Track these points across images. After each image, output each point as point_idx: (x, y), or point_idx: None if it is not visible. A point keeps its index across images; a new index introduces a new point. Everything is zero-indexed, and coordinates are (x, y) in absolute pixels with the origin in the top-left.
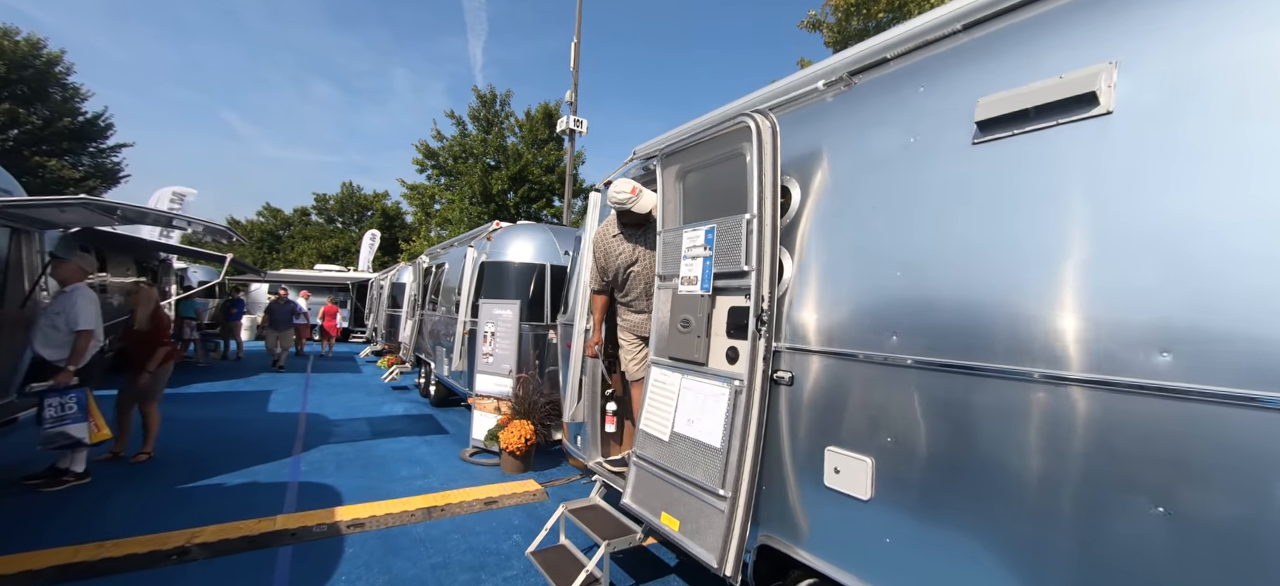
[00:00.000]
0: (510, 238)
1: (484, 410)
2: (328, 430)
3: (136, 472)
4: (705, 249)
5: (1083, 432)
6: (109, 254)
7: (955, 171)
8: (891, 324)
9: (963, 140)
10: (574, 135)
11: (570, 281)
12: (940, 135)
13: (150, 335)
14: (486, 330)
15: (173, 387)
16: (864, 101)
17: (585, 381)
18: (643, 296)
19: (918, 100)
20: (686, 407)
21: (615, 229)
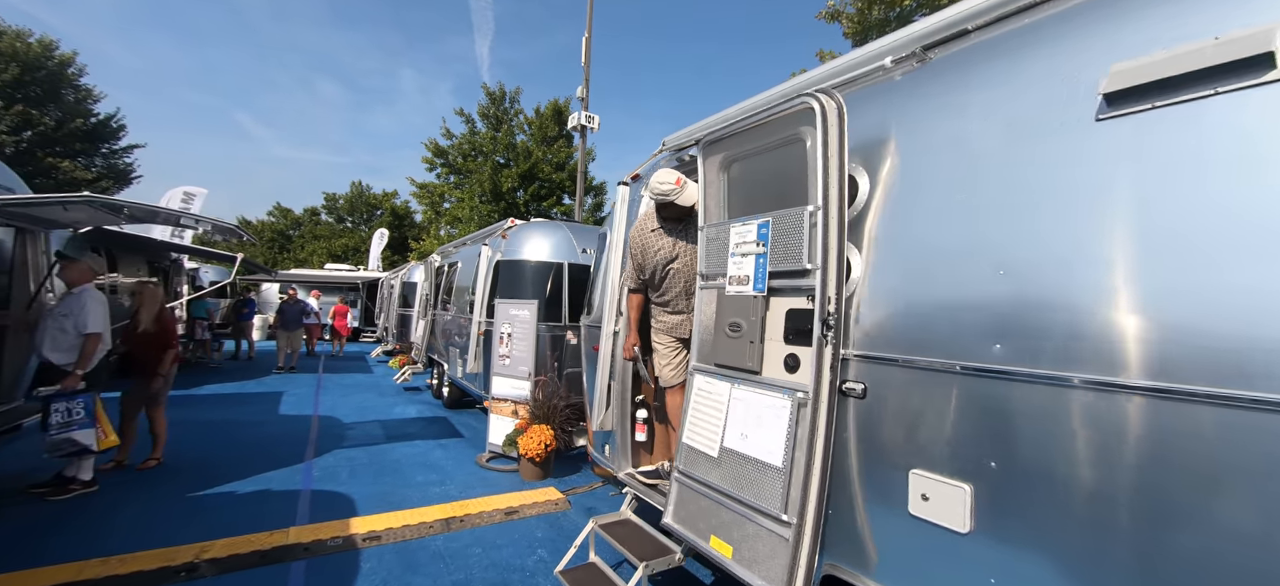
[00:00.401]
0: (526, 235)
1: (501, 414)
2: (340, 433)
3: (145, 480)
4: (758, 245)
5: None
6: (120, 254)
7: (1072, 152)
8: (994, 331)
9: (1081, 116)
10: (586, 131)
11: (596, 280)
12: (1052, 111)
13: (156, 337)
14: (503, 331)
15: (183, 389)
16: (944, 78)
17: (615, 387)
18: (682, 296)
19: (1018, 73)
20: (738, 420)
21: (654, 223)
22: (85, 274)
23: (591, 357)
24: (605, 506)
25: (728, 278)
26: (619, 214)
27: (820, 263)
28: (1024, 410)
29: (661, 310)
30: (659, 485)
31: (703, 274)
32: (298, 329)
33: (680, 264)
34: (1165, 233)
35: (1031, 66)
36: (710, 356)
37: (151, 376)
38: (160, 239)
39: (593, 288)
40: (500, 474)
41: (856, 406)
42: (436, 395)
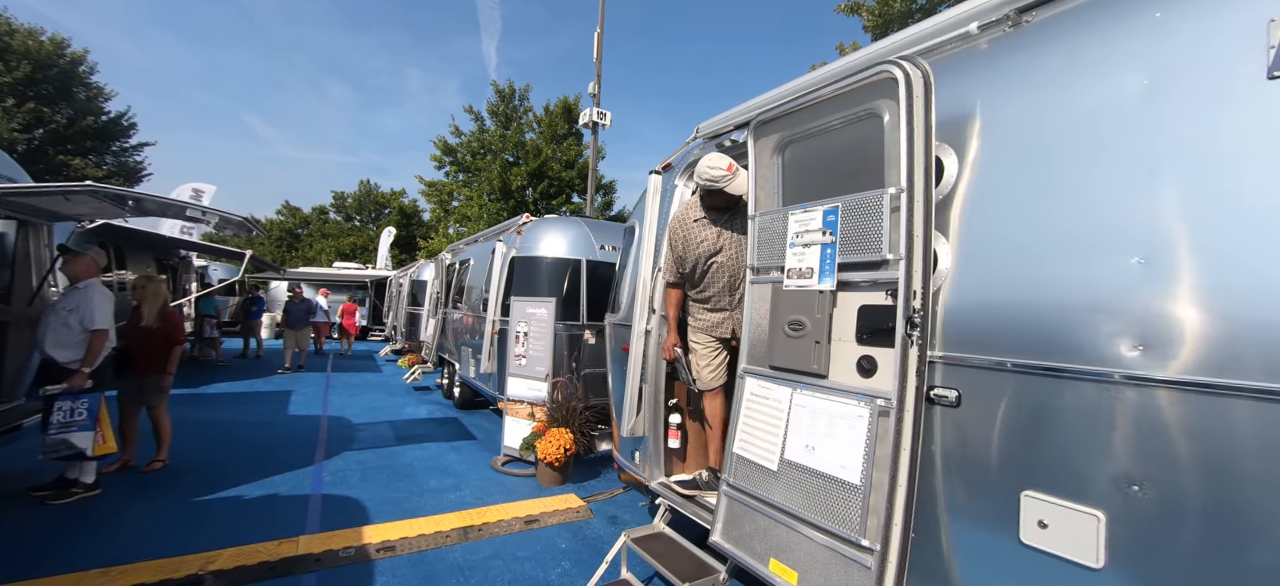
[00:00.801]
0: (542, 231)
1: (516, 416)
2: (350, 435)
3: (150, 483)
4: (824, 234)
5: None
6: (128, 251)
7: (1236, 119)
8: (1131, 330)
9: (1250, 74)
10: (598, 127)
11: (623, 275)
12: (1206, 71)
13: (160, 333)
14: (519, 330)
15: (191, 388)
16: (1048, 42)
17: (646, 390)
18: (724, 292)
19: (1150, 29)
20: (803, 430)
21: (698, 212)
22: (90, 268)
23: (619, 358)
24: (629, 514)
25: (785, 271)
26: (650, 205)
27: (904, 252)
28: (1180, 425)
29: (700, 307)
30: (696, 496)
31: (754, 267)
32: (304, 327)
33: (724, 257)
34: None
35: (1174, 20)
36: (765, 358)
37: (159, 374)
38: (169, 235)
39: (619, 283)
40: (517, 479)
41: (948, 417)
42: (447, 395)
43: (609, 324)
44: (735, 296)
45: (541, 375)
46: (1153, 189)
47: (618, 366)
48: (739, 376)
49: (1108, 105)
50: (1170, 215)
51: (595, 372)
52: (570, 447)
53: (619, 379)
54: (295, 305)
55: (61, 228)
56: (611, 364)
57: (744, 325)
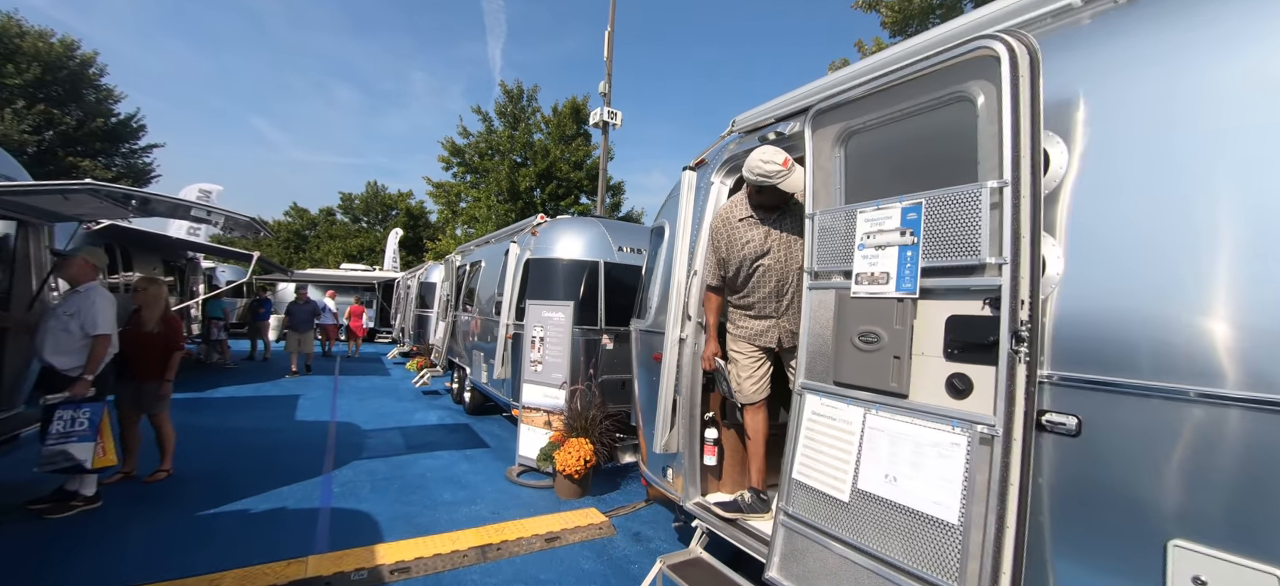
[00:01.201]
0: (558, 232)
1: (532, 424)
2: (359, 442)
3: (152, 495)
4: (903, 234)
5: None
6: (135, 253)
7: None
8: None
9: None
10: (608, 127)
11: (652, 278)
12: None
13: (162, 338)
14: (534, 335)
15: (197, 392)
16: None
17: (681, 402)
18: (771, 298)
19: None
20: (880, 457)
21: (743, 210)
22: (87, 270)
23: (647, 366)
24: (654, 531)
25: (854, 276)
26: (684, 203)
27: (1009, 255)
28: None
29: (743, 314)
30: (738, 520)
31: (813, 271)
32: (308, 331)
33: (772, 260)
34: None
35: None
36: (829, 373)
37: (159, 381)
38: (176, 237)
39: (647, 287)
40: (533, 491)
41: (1066, 447)
42: (457, 400)
43: (635, 330)
44: (783, 302)
45: (559, 382)
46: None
47: (645, 375)
48: (796, 392)
49: (1257, 80)
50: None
51: (613, 379)
52: (590, 459)
53: (647, 388)
54: (299, 307)
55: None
56: (638, 372)
57: (801, 335)
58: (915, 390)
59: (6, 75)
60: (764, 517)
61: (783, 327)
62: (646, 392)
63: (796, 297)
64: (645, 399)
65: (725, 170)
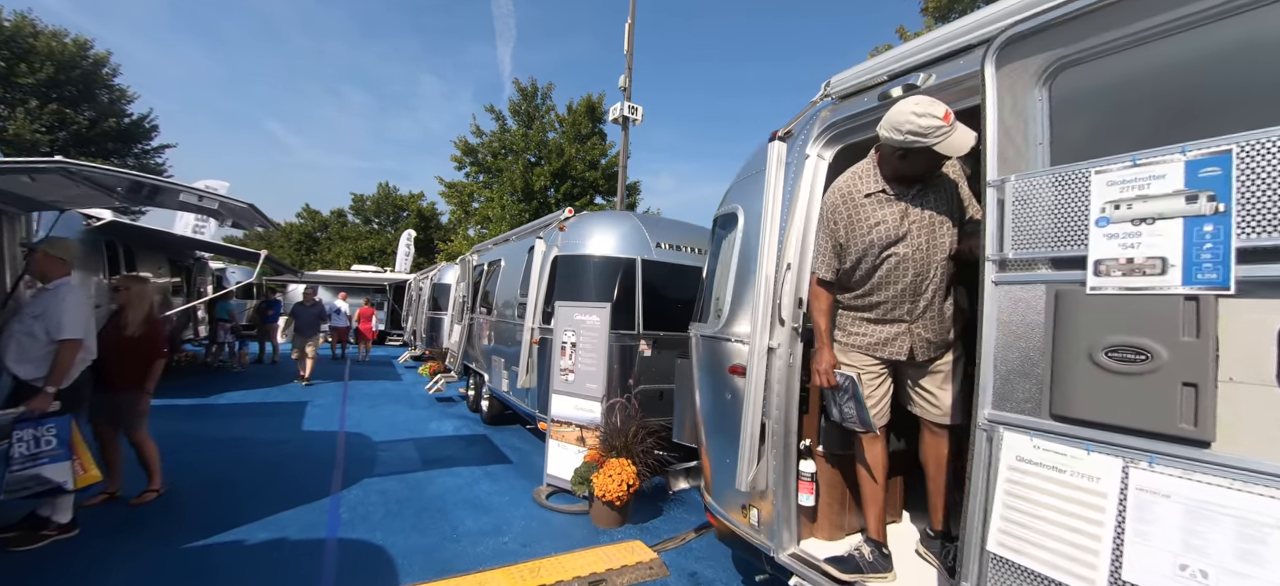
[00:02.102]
0: (590, 226)
1: (563, 440)
2: (371, 456)
3: (138, 520)
4: (1197, 201)
5: None
6: (140, 252)
7: None
8: None
9: None
10: (628, 123)
11: (723, 273)
12: None
13: (144, 343)
14: (565, 340)
15: (200, 398)
16: None
17: (770, 427)
18: (904, 296)
19: None
20: (1169, 537)
21: (873, 183)
22: (53, 265)
23: (717, 379)
24: (712, 571)
25: (1093, 264)
26: (772, 181)
27: None
28: None
29: (858, 317)
30: (858, 583)
31: (1001, 259)
32: (315, 334)
33: (909, 247)
34: None
35: None
36: (1042, 402)
37: (136, 392)
38: (183, 235)
39: (712, 285)
40: (566, 517)
41: None
42: (473, 408)
43: (696, 336)
44: (919, 302)
45: (594, 394)
46: None
47: (713, 390)
48: (980, 427)
49: None
50: None
51: (650, 390)
52: (633, 484)
53: (717, 406)
54: (305, 309)
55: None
56: (701, 385)
57: (984, 347)
58: (1229, 435)
59: (19, 75)
60: (887, 579)
61: (917, 336)
62: (716, 411)
63: (938, 296)
64: (713, 418)
65: (824, 140)
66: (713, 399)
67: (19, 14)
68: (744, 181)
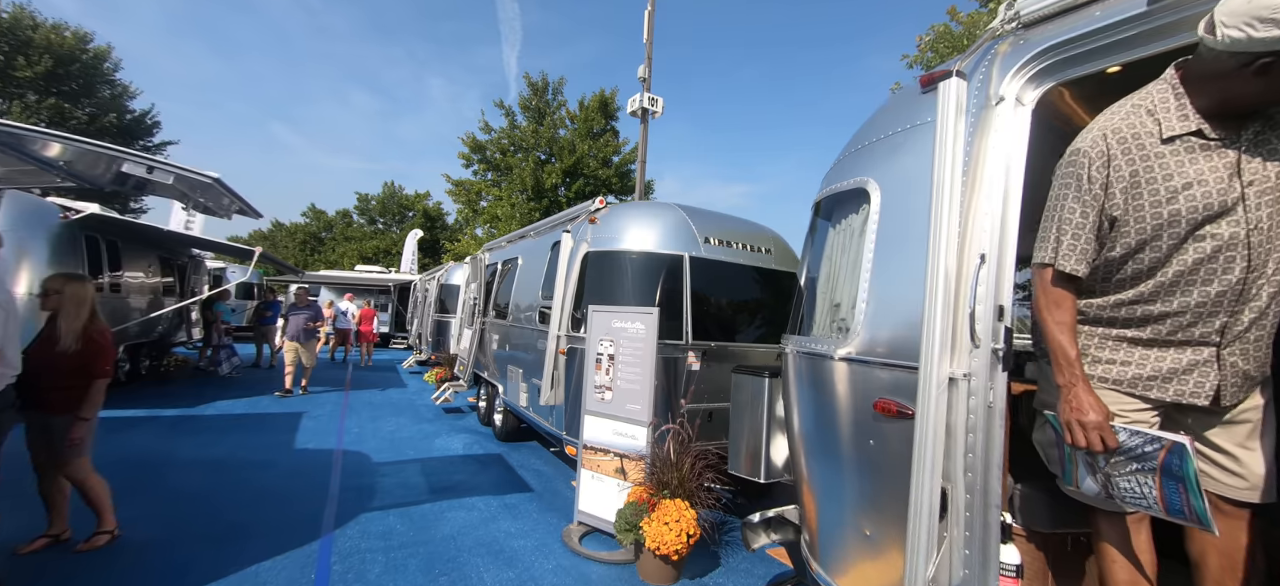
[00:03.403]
0: (627, 218)
1: (598, 471)
2: (370, 484)
3: (84, 572)
4: None
5: None
6: (126, 248)
7: None
8: None
9: None
10: (648, 114)
11: (854, 266)
12: None
13: (80, 360)
14: (601, 351)
15: (186, 408)
16: None
17: (956, 495)
18: (1222, 305)
19: None
20: None
21: (1179, 120)
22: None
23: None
24: None
25: None
26: (949, 135)
27: None
28: None
29: (1121, 336)
30: None
31: None
32: (310, 340)
33: (1241, 225)
34: None
35: None
36: None
37: (71, 416)
38: (175, 231)
39: (837, 282)
40: (606, 567)
41: None
42: (484, 421)
43: (794, 352)
44: (1245, 314)
45: (639, 416)
46: None
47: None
48: None
49: None
50: None
51: (699, 409)
52: (694, 534)
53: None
54: (298, 311)
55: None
56: (804, 420)
57: None
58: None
59: (18, 68)
60: None
61: (1230, 366)
62: (841, 460)
63: (1275, 304)
64: (826, 471)
65: (1028, 74)
66: (832, 441)
67: (17, 5)
68: (875, 146)
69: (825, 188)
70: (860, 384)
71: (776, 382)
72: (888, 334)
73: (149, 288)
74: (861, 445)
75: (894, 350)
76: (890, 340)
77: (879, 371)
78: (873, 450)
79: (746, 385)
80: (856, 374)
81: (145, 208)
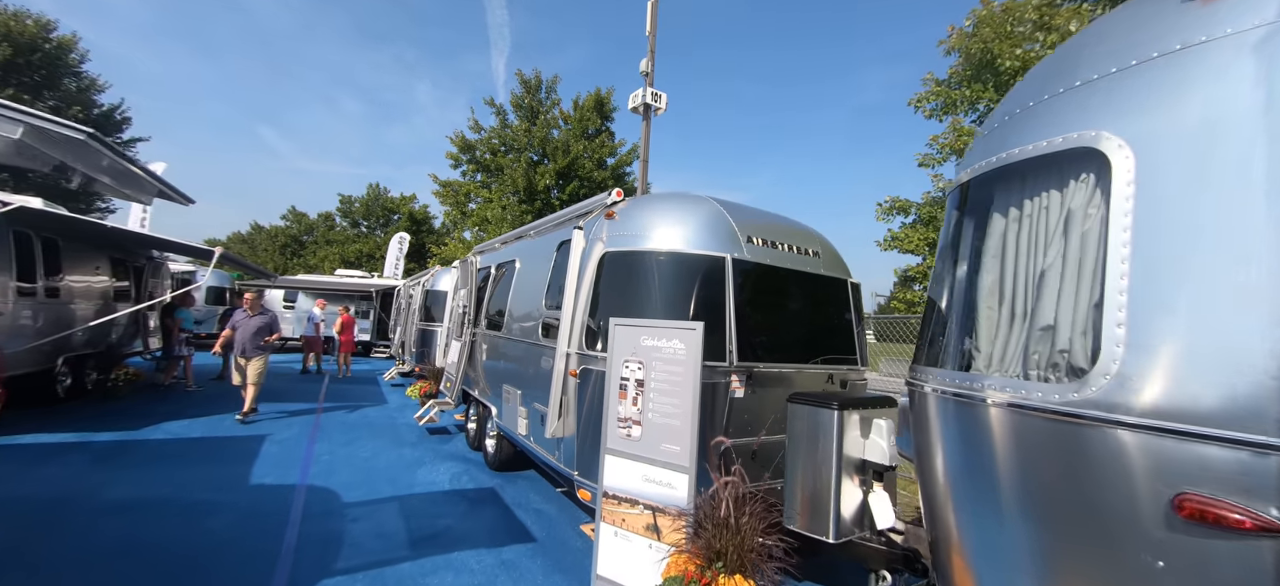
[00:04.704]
0: (653, 213)
1: (623, 526)
2: (337, 531)
3: None
4: None
5: None
6: (70, 249)
7: None
8: None
9: None
10: (650, 111)
11: (1077, 269)
12: None
13: None
14: (628, 376)
15: (131, 429)
16: None
17: None
18: None
19: None
20: None
21: None
22: None
23: (1047, 498)
24: None
25: None
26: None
27: None
28: None
29: None
30: None
31: None
32: (259, 354)
33: None
34: None
35: None
36: None
37: None
38: (123, 229)
39: (1036, 291)
40: None
41: None
42: (474, 445)
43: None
44: None
45: (679, 461)
46: None
47: (1009, 515)
48: None
49: None
50: None
51: (739, 445)
52: None
53: (1030, 564)
54: (245, 319)
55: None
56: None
57: None
58: None
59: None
60: None
61: None
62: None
63: None
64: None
65: None
66: (1047, 549)
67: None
68: (1110, 84)
69: (981, 160)
70: (1127, 459)
71: (849, 414)
72: (1193, 379)
73: (96, 292)
74: (1139, 568)
75: (1220, 411)
76: (1201, 393)
77: (1179, 445)
78: (1165, 578)
79: (807, 417)
80: (1113, 443)
81: (112, 207)
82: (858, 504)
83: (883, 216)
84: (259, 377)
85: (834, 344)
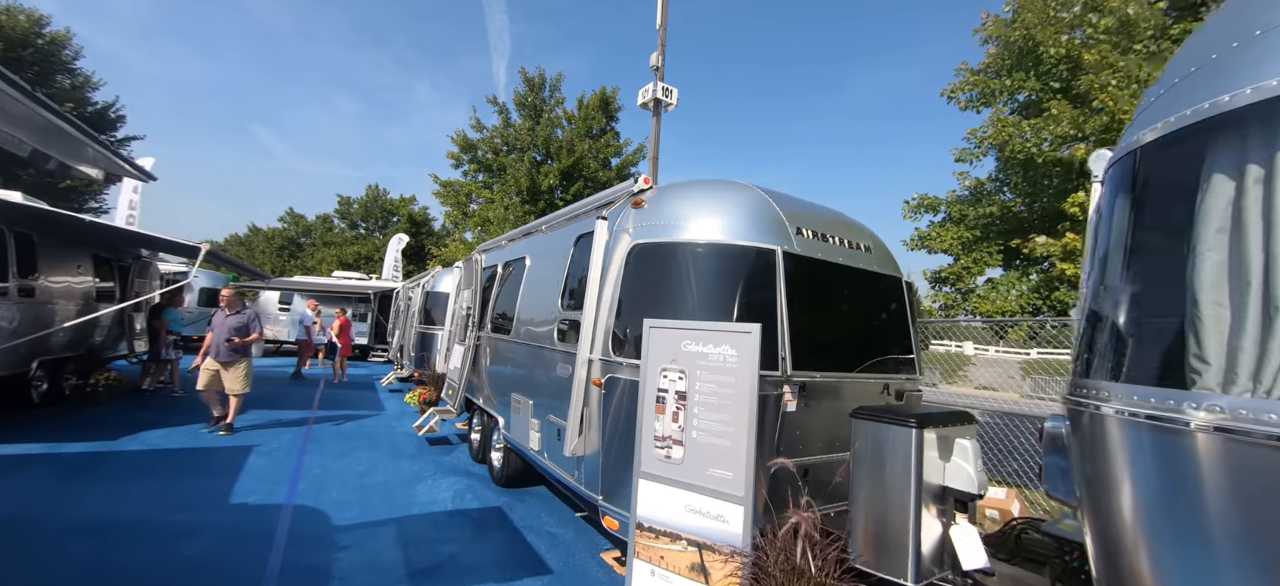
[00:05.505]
0: (689, 201)
1: (662, 565)
2: (325, 564)
3: None
4: None
5: None
6: (47, 246)
7: None
8: None
9: None
10: (660, 106)
11: None
12: None
13: None
14: (666, 387)
15: (106, 439)
16: None
17: None
18: None
19: None
20: None
21: None
22: None
23: None
24: None
25: None
26: None
27: None
28: None
29: None
30: None
31: None
32: (238, 360)
33: None
34: None
35: None
36: None
37: None
38: (106, 225)
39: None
40: None
41: None
42: (478, 457)
43: (1134, 418)
44: None
45: (732, 489)
46: None
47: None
48: None
49: None
50: None
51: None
52: None
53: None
54: (222, 318)
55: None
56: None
57: None
58: None
59: None
60: None
61: None
62: None
63: None
64: None
65: None
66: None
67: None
68: None
69: (1159, 122)
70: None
71: (928, 433)
72: None
73: (77, 292)
74: None
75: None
76: None
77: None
78: None
79: (874, 435)
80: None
81: (105, 207)
82: (937, 538)
83: (910, 214)
84: (240, 386)
85: (889, 350)
